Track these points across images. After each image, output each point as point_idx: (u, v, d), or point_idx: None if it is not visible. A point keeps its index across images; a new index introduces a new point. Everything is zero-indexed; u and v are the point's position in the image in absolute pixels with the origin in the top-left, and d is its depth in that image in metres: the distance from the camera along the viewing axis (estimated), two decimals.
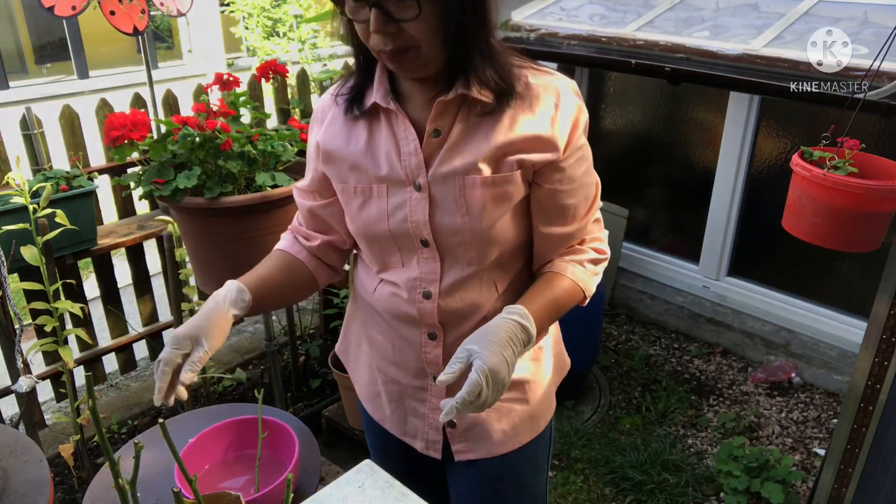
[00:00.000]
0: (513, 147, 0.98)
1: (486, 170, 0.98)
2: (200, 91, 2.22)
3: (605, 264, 1.12)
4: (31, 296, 2.00)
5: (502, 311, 0.96)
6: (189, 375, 0.93)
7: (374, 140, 1.04)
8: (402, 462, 1.22)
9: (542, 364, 1.16)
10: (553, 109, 0.98)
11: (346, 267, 1.29)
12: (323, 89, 2.94)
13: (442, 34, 0.91)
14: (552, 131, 0.98)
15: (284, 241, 1.21)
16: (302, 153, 2.06)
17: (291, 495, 0.73)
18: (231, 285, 1.04)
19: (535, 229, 1.06)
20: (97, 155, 2.34)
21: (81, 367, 2.44)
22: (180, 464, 0.73)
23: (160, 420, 0.73)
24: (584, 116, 1.03)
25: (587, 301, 1.09)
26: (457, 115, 0.99)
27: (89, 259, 2.29)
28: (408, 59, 0.92)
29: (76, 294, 2.25)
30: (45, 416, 2.31)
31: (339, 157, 1.07)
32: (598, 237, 1.11)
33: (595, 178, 1.09)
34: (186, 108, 2.15)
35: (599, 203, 1.11)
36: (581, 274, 1.06)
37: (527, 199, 1.04)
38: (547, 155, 0.98)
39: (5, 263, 1.76)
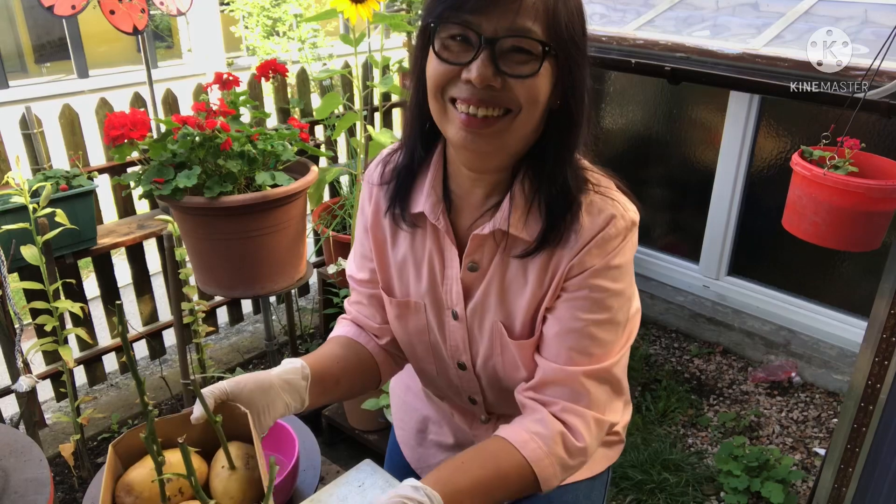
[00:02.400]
0: (545, 299, 0.89)
1: (520, 330, 0.91)
2: (200, 90, 2.22)
3: (583, 460, 0.87)
4: (30, 295, 2.00)
5: (407, 485, 0.76)
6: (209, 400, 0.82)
7: (417, 250, 0.96)
8: None
9: None
10: (588, 238, 0.85)
11: None
12: (323, 89, 2.93)
13: (544, 106, 0.79)
14: (572, 262, 0.85)
15: (346, 328, 1.07)
16: (302, 153, 2.06)
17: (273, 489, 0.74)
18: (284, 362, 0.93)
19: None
20: (97, 154, 2.34)
21: (82, 366, 2.45)
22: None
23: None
24: (620, 258, 0.86)
25: (544, 490, 0.86)
26: (496, 248, 0.90)
27: (89, 258, 2.28)
28: (495, 129, 0.78)
29: (76, 293, 2.24)
30: (45, 416, 2.31)
31: (383, 256, 1.00)
32: (587, 413, 0.87)
33: (614, 341, 0.89)
34: (186, 108, 2.15)
35: (617, 376, 0.90)
36: (541, 453, 0.84)
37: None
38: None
39: (5, 263, 1.76)
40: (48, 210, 1.76)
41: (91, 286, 2.45)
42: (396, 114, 3.27)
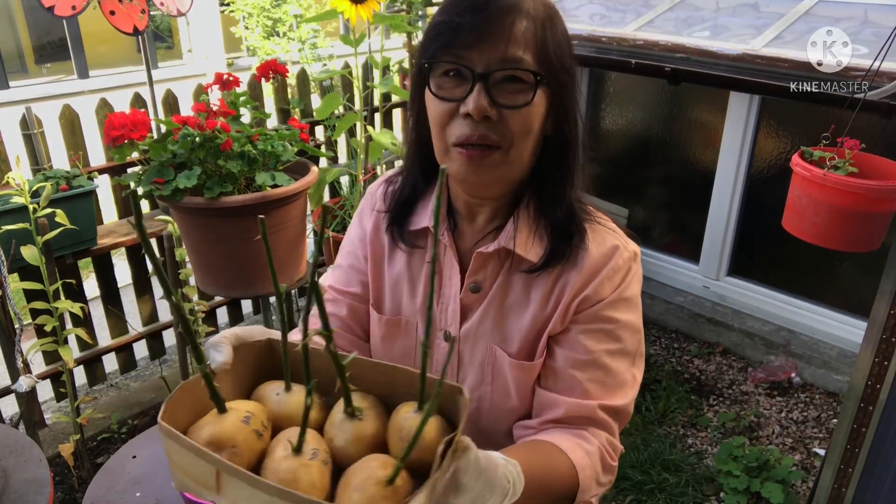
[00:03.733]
0: (549, 322, 0.87)
1: (518, 351, 0.89)
2: (200, 91, 2.22)
3: (611, 479, 0.89)
4: (30, 295, 2.00)
5: (500, 456, 0.69)
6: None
7: (414, 268, 0.94)
8: None
9: None
10: (596, 267, 0.86)
11: None
12: (323, 90, 2.93)
13: (539, 134, 0.81)
14: (584, 292, 0.86)
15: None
16: (302, 153, 2.06)
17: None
18: None
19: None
20: (97, 155, 2.34)
21: (81, 366, 2.45)
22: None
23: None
24: (631, 290, 0.88)
25: (577, 501, 0.84)
26: (500, 269, 0.89)
27: (89, 259, 2.29)
28: (491, 160, 0.80)
29: (76, 294, 2.24)
30: (45, 416, 2.31)
31: (379, 271, 0.97)
32: (611, 439, 0.89)
33: (625, 372, 0.89)
34: (186, 108, 2.15)
35: (624, 408, 0.89)
36: (586, 462, 0.83)
37: None
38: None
39: (5, 263, 1.76)
40: (48, 210, 1.76)
41: (91, 286, 2.45)
42: (397, 114, 3.27)
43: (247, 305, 3.11)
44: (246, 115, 2.02)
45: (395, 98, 3.07)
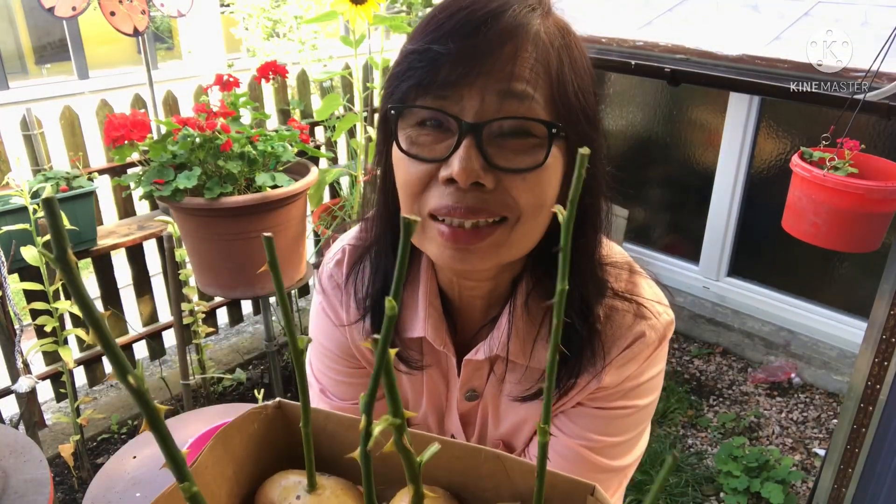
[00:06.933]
0: (556, 412, 0.73)
1: (527, 439, 0.76)
2: (200, 92, 2.22)
3: None
4: (30, 296, 2.00)
5: None
6: None
7: (415, 380, 0.77)
8: None
9: None
10: (610, 361, 0.68)
11: None
12: (323, 90, 2.93)
13: (554, 204, 0.56)
14: (593, 385, 0.69)
15: None
16: (302, 154, 2.06)
17: None
18: None
19: None
20: (97, 155, 2.34)
21: (81, 367, 2.45)
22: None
23: None
24: (652, 369, 0.70)
25: None
26: (489, 373, 0.73)
27: (89, 259, 2.29)
28: (489, 243, 0.58)
29: None
30: (45, 416, 2.31)
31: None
32: None
33: (624, 460, 0.73)
34: (186, 109, 2.15)
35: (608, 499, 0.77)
36: None
37: None
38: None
39: (5, 263, 1.76)
40: None
41: (91, 287, 2.45)
42: None
43: (247, 306, 3.11)
44: (246, 116, 2.02)
45: None
